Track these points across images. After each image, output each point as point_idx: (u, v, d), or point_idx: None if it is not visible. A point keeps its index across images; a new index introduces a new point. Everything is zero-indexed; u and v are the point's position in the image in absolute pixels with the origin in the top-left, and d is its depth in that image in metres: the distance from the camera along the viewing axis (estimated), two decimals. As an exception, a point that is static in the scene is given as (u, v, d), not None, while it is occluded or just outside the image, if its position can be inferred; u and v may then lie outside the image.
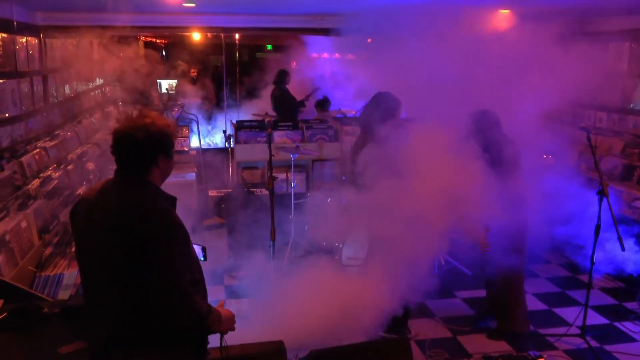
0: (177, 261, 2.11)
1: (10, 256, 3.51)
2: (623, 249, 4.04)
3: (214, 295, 2.45)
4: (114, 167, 2.26)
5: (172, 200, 2.28)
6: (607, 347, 4.33)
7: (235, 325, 2.42)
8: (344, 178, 6.05)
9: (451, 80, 4.48)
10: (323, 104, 8.07)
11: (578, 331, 4.34)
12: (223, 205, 5.86)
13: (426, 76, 4.56)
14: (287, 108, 8.28)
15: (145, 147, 2.18)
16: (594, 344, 4.32)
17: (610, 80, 6.43)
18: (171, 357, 2.17)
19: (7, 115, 4.92)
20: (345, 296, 4.35)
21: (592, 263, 4.20)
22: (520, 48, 4.44)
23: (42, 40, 6.06)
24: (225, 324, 2.33)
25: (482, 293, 5.03)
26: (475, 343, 4.36)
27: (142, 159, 2.20)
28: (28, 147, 5.08)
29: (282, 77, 8.40)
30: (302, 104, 8.51)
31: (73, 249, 3.84)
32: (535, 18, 4.95)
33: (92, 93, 8.35)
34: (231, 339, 2.44)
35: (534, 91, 4.21)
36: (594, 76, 4.09)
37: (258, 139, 6.98)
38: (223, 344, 2.39)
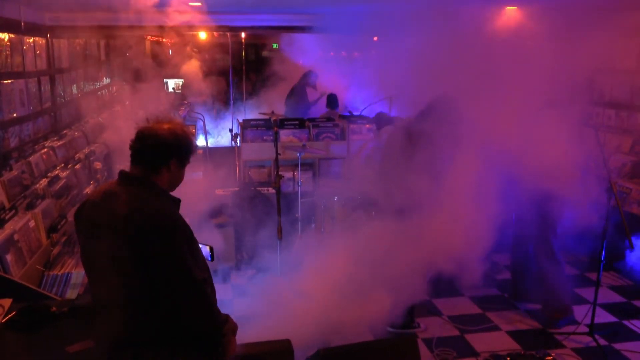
0: (187, 261, 2.12)
1: (19, 255, 3.53)
2: (632, 247, 4.01)
3: (222, 295, 2.45)
4: (121, 166, 2.27)
5: (177, 202, 2.30)
6: (616, 346, 4.31)
7: (243, 324, 2.44)
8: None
9: (456, 76, 4.48)
10: (332, 101, 8.13)
11: (586, 329, 4.32)
12: (230, 204, 5.87)
13: (438, 73, 4.58)
14: (299, 106, 8.37)
15: (164, 143, 2.21)
16: (602, 342, 4.30)
17: (619, 76, 6.38)
18: (180, 358, 2.18)
19: (15, 115, 4.95)
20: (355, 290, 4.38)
21: (601, 261, 4.18)
22: (526, 45, 4.42)
23: (50, 40, 6.09)
24: (234, 343, 2.38)
25: (490, 291, 5.02)
26: (484, 341, 4.34)
27: (156, 158, 2.22)
28: (36, 146, 5.11)
29: (307, 77, 8.50)
30: (310, 105, 8.61)
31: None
32: (542, 14, 4.93)
33: (99, 93, 8.39)
34: (239, 338, 2.45)
35: (541, 88, 4.18)
36: (602, 72, 4.07)
37: (264, 137, 6.98)
38: None
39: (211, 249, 2.66)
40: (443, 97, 4.38)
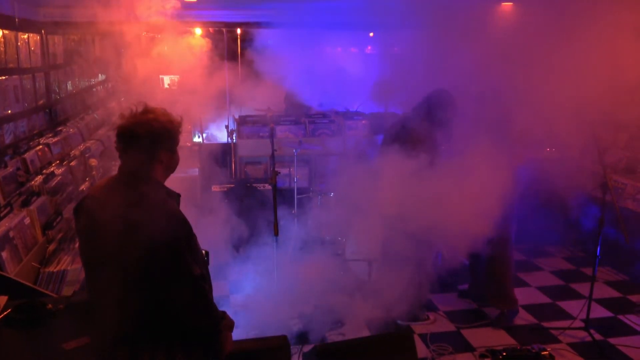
0: (186, 256, 2.12)
1: (14, 253, 3.52)
2: (627, 242, 4.03)
3: (218, 291, 2.45)
4: (117, 163, 2.26)
5: (176, 197, 2.29)
6: (611, 340, 4.33)
7: (240, 320, 2.44)
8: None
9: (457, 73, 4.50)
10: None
11: (582, 324, 4.34)
12: (226, 201, 5.86)
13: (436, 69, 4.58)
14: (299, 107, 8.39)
15: (146, 142, 2.17)
16: (598, 337, 4.32)
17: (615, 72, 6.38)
18: (177, 356, 2.18)
19: (9, 111, 4.93)
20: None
21: (596, 256, 4.20)
22: (523, 41, 4.42)
23: (44, 36, 6.06)
24: (230, 340, 2.38)
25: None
26: (479, 337, 4.36)
27: (144, 156, 2.19)
28: (31, 143, 5.09)
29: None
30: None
31: (77, 245, 3.84)
32: (539, 10, 4.93)
33: (94, 89, 8.35)
34: (235, 334, 2.45)
35: (538, 84, 4.19)
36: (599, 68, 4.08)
37: (261, 134, 6.98)
38: None
39: (207, 254, 2.62)
40: (438, 92, 4.40)
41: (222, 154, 7.52)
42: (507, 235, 4.48)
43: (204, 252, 2.55)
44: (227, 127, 7.66)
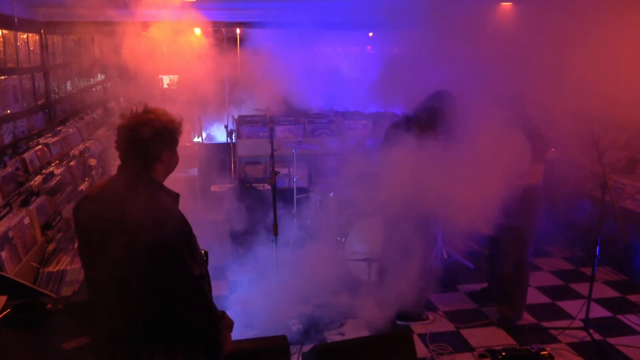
0: (185, 257, 2.12)
1: (14, 252, 3.51)
2: (627, 242, 4.03)
3: (218, 291, 2.45)
4: (117, 162, 2.25)
5: (175, 197, 2.28)
6: (611, 340, 4.33)
7: (240, 320, 2.44)
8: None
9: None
10: None
11: (581, 324, 4.34)
12: (225, 201, 5.86)
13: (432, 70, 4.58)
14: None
15: (148, 143, 2.18)
16: (597, 336, 4.32)
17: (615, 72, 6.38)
18: (177, 356, 2.18)
19: (9, 111, 4.93)
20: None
21: (596, 256, 4.20)
22: (523, 41, 4.42)
23: (43, 36, 6.05)
24: (230, 339, 2.38)
25: (485, 286, 5.03)
26: (479, 337, 4.36)
27: (145, 155, 2.20)
28: (30, 143, 5.08)
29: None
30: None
31: (76, 245, 3.84)
32: (538, 10, 4.93)
33: (94, 89, 8.35)
34: (235, 334, 2.45)
35: (537, 84, 4.19)
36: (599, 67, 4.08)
37: (260, 134, 6.97)
38: None
39: (206, 253, 2.61)
40: (440, 92, 4.40)
41: (222, 154, 7.52)
42: (526, 241, 4.45)
43: (203, 252, 2.55)
44: (226, 127, 7.66)
